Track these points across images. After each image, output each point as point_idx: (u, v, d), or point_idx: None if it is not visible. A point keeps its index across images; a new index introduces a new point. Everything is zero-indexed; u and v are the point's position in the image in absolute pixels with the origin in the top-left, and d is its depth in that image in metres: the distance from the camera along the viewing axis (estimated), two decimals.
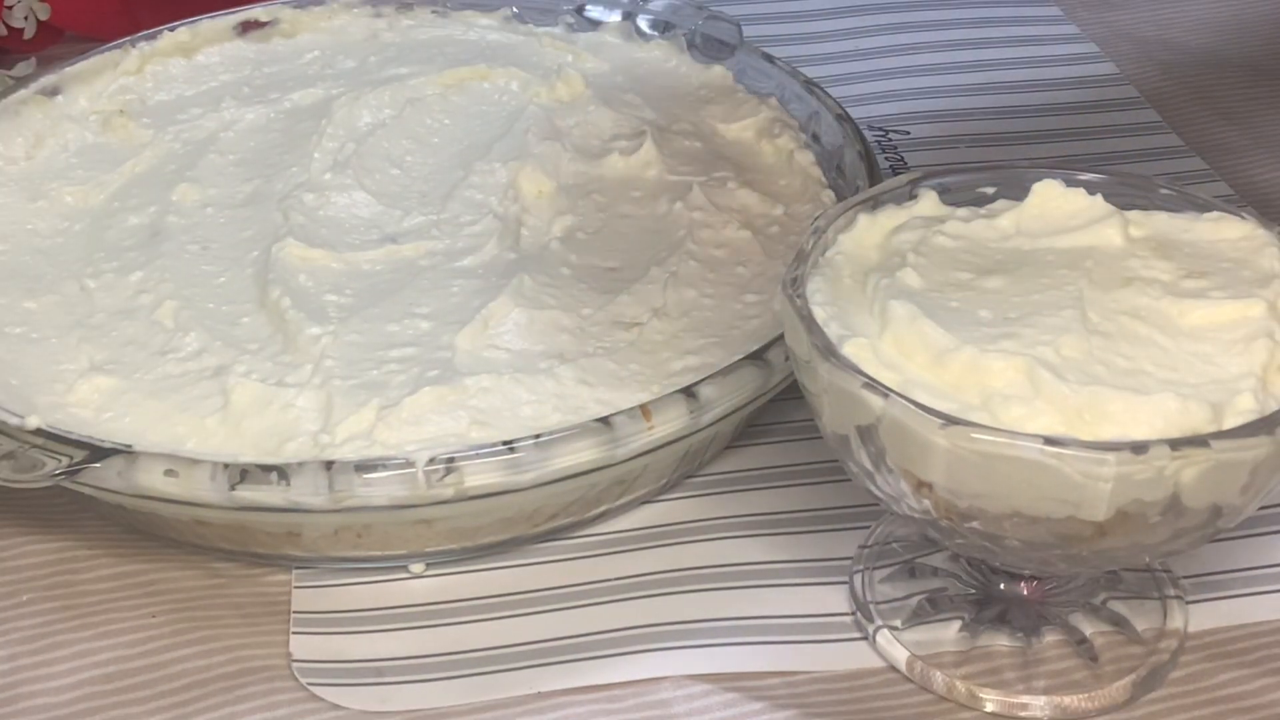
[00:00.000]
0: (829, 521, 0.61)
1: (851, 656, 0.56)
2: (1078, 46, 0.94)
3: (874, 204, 0.56)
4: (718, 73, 0.81)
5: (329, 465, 0.55)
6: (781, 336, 0.57)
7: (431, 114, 0.78)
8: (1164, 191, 0.56)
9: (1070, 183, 0.56)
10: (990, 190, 0.57)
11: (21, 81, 0.79)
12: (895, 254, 0.54)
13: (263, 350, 0.63)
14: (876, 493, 0.51)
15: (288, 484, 0.55)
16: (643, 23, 0.84)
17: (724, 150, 0.76)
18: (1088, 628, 0.56)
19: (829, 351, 0.49)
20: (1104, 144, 0.84)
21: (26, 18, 0.90)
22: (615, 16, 0.85)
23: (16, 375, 0.62)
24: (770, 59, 0.80)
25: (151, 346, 0.64)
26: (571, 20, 0.85)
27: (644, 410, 0.57)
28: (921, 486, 0.49)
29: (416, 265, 0.68)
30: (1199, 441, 0.46)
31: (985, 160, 0.58)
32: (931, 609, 0.57)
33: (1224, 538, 0.53)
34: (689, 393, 0.58)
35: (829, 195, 0.72)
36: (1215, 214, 0.55)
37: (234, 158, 0.75)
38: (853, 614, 0.57)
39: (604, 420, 0.56)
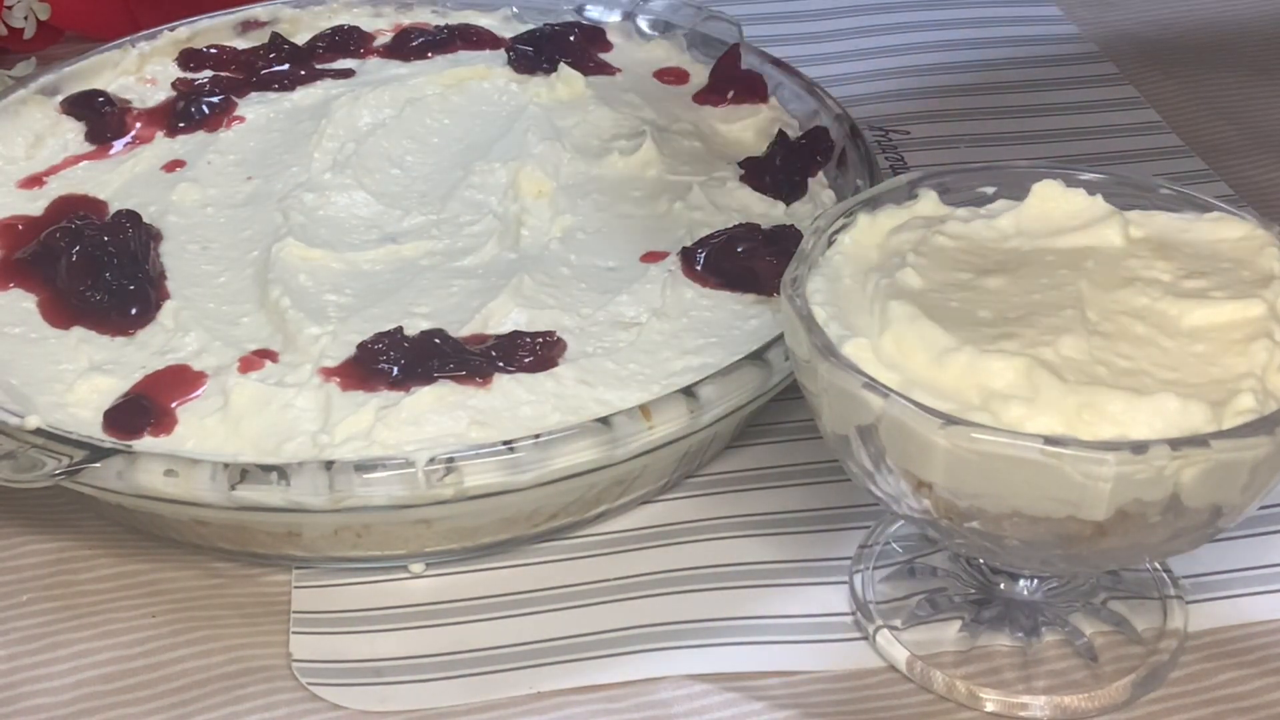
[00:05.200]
0: (829, 521, 0.61)
1: (851, 656, 0.56)
2: (1078, 46, 0.94)
3: (874, 204, 0.56)
4: None
5: (329, 465, 0.55)
6: (781, 336, 0.57)
7: (431, 114, 0.78)
8: (1164, 192, 0.56)
9: (1070, 183, 0.56)
10: (990, 190, 0.57)
11: (21, 81, 0.79)
12: (895, 254, 0.54)
13: (263, 350, 0.63)
14: (876, 493, 0.51)
15: (287, 484, 0.55)
16: (643, 22, 0.84)
17: (724, 150, 0.76)
18: (1087, 628, 0.56)
19: (829, 351, 0.49)
20: (1104, 144, 0.84)
21: (26, 17, 0.90)
22: (615, 16, 0.85)
23: (16, 375, 0.62)
24: (770, 59, 0.80)
25: (151, 346, 0.64)
26: (571, 20, 0.84)
27: (644, 410, 0.57)
28: (921, 486, 0.49)
29: (416, 265, 0.68)
30: (1199, 441, 0.46)
31: (985, 160, 0.58)
32: (931, 609, 0.57)
33: (1224, 537, 0.53)
34: (689, 392, 0.58)
35: (829, 195, 0.72)
36: (1215, 214, 0.55)
37: (234, 157, 0.75)
38: (853, 614, 0.57)
39: (604, 420, 0.56)
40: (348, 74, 0.82)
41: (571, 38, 0.82)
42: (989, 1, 0.99)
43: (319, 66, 0.82)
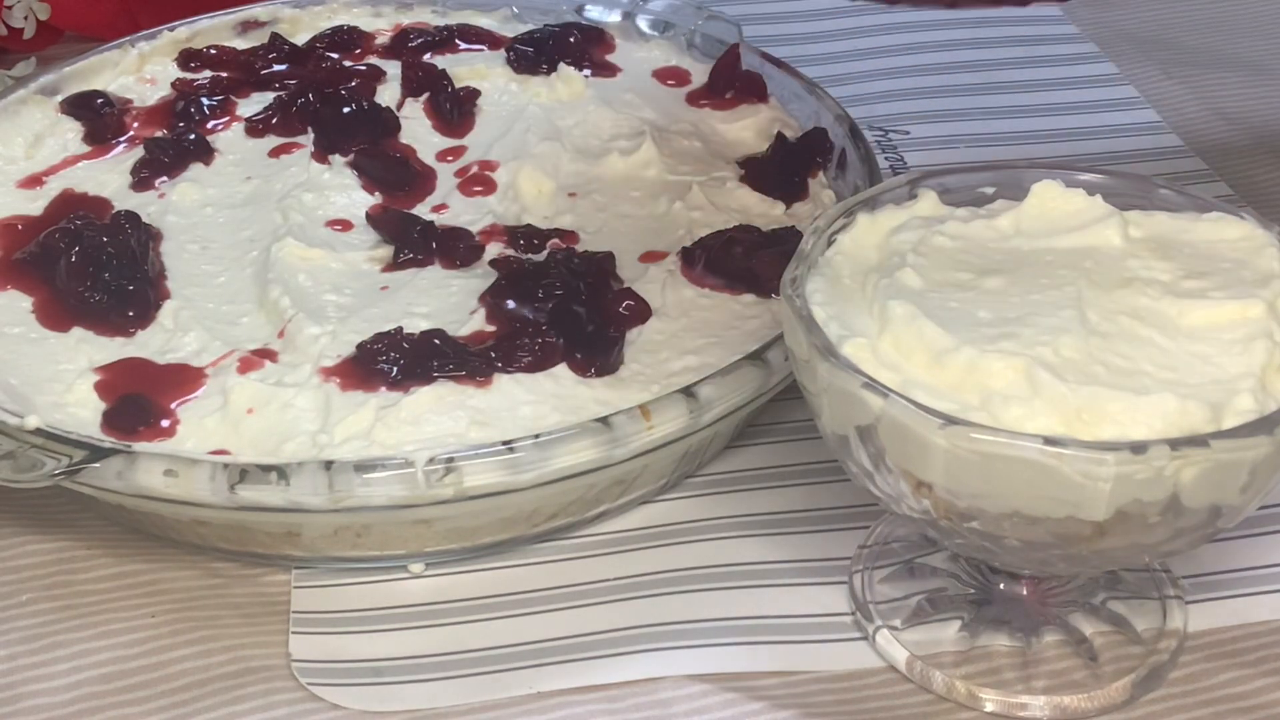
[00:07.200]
0: (828, 521, 0.61)
1: (851, 656, 0.56)
2: (1078, 46, 0.94)
3: (874, 204, 0.56)
4: None
5: (328, 465, 0.55)
6: (781, 336, 0.57)
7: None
8: (1163, 192, 0.56)
9: (1069, 183, 0.56)
10: (990, 190, 0.57)
11: (21, 81, 0.79)
12: (895, 254, 0.54)
13: (262, 350, 0.63)
14: (876, 493, 0.51)
15: (287, 484, 0.55)
16: (643, 22, 0.84)
17: (723, 150, 0.76)
18: (1087, 628, 0.56)
19: (828, 351, 0.49)
20: (1104, 144, 0.84)
21: (26, 18, 0.90)
22: (615, 16, 0.85)
23: (16, 375, 0.62)
24: (770, 59, 0.80)
25: (151, 346, 0.64)
26: (571, 20, 0.84)
27: (643, 410, 0.57)
28: (921, 486, 0.49)
29: (415, 264, 0.68)
30: (1198, 441, 0.46)
31: (985, 160, 0.58)
32: (931, 609, 0.57)
33: (1223, 538, 0.53)
34: (688, 393, 0.58)
35: (829, 195, 0.72)
36: (1215, 214, 0.55)
37: (233, 157, 0.75)
38: (852, 614, 0.57)
39: (603, 420, 0.57)
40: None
41: (571, 38, 0.82)
42: (989, 1, 0.98)
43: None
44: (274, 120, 0.77)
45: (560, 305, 0.63)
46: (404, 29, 0.85)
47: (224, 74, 0.81)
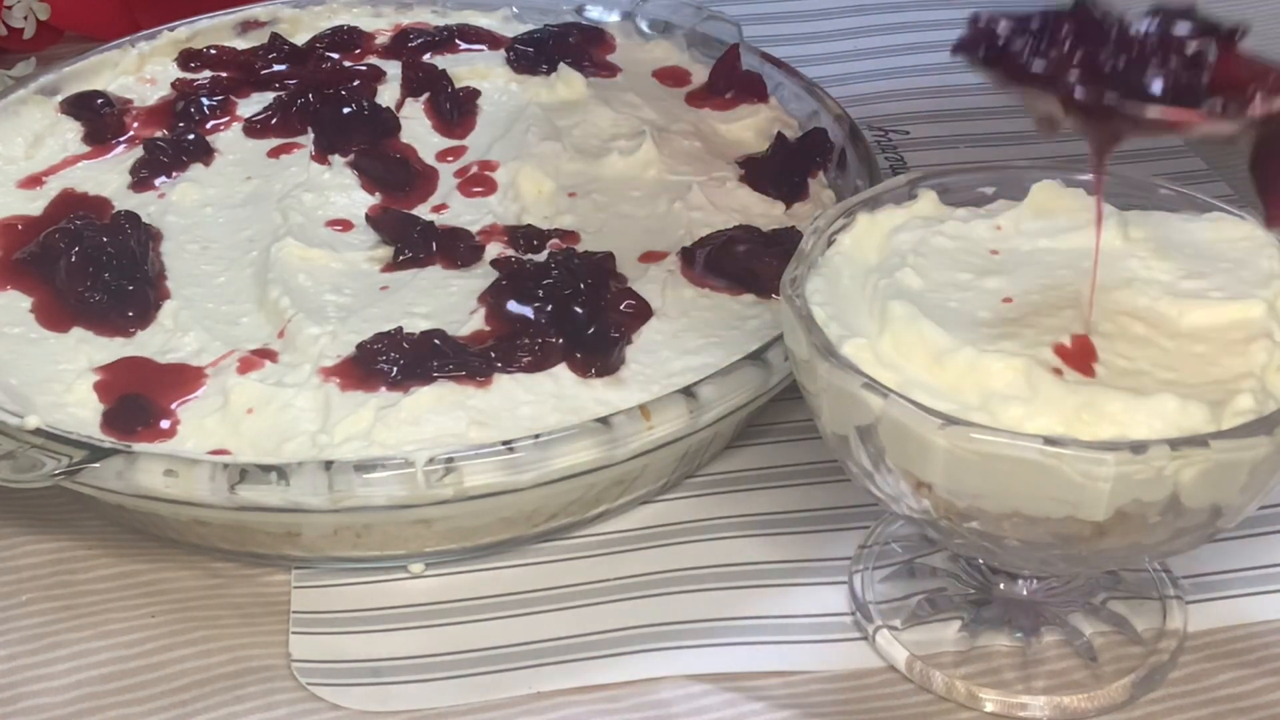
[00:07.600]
0: (828, 521, 0.61)
1: (851, 656, 0.56)
2: None
3: (874, 204, 0.56)
4: None
5: (328, 465, 0.55)
6: (781, 336, 0.57)
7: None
8: (1163, 191, 0.57)
9: (1069, 183, 0.56)
10: (990, 190, 0.57)
11: (21, 81, 0.79)
12: (895, 254, 0.54)
13: (262, 350, 0.63)
14: (876, 493, 0.51)
15: (287, 484, 0.55)
16: (643, 22, 0.84)
17: (723, 150, 0.76)
18: (1087, 628, 0.56)
19: (828, 351, 0.49)
20: None
21: (26, 18, 0.90)
22: (615, 16, 0.85)
23: (15, 375, 0.62)
24: (770, 59, 0.80)
25: (151, 346, 0.64)
26: (571, 20, 0.85)
27: (643, 410, 0.57)
28: (921, 486, 0.49)
29: (415, 264, 0.68)
30: (1198, 441, 0.46)
31: (985, 160, 0.58)
32: (931, 609, 0.57)
33: (1223, 538, 0.53)
34: (688, 393, 0.58)
35: (829, 195, 0.72)
36: (1215, 214, 0.55)
37: (233, 157, 0.75)
38: (852, 614, 0.57)
39: (603, 420, 0.57)
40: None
41: (571, 38, 0.82)
42: (988, 2, 0.98)
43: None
44: (274, 120, 0.77)
45: (560, 305, 0.63)
46: (404, 29, 0.85)
47: (224, 74, 0.82)
